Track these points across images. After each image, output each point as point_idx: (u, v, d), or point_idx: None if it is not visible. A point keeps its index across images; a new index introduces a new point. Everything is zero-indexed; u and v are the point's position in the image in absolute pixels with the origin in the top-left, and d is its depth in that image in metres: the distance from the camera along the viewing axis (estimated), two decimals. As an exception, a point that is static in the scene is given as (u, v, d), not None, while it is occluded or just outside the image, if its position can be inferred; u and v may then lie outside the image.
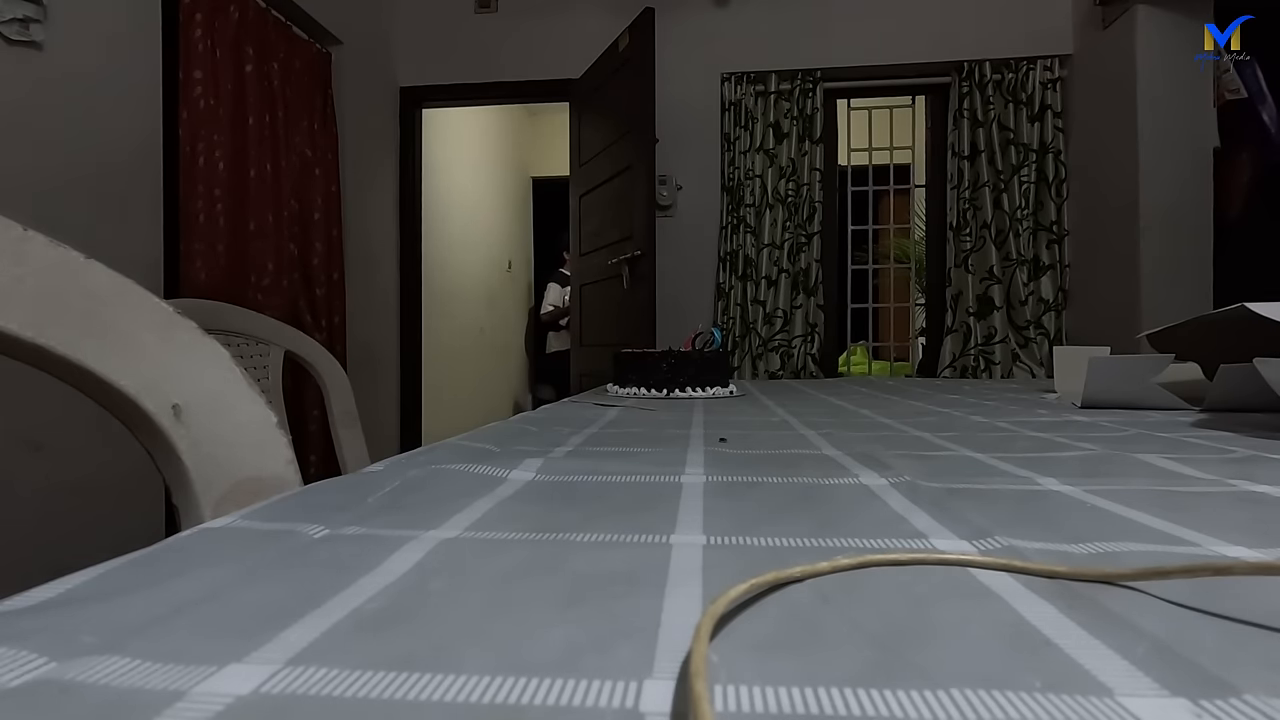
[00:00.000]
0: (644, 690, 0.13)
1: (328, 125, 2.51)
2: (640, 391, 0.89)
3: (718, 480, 0.34)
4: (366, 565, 0.20)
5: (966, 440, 0.49)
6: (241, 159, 2.06)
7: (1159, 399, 0.70)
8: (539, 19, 2.99)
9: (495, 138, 4.54)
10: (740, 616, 0.16)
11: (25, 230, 0.32)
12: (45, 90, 1.48)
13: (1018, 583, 0.18)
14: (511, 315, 5.00)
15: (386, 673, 0.13)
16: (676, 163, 2.87)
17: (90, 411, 0.39)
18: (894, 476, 0.34)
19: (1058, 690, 0.12)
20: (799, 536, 0.24)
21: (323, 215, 2.44)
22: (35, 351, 0.33)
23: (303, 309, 2.33)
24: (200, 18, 1.91)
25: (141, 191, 1.74)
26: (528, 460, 0.38)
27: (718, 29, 2.88)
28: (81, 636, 0.15)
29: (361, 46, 2.74)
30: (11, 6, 1.38)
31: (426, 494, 0.30)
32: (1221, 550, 0.22)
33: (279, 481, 0.40)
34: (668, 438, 0.51)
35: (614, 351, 0.97)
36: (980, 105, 2.73)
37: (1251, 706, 0.12)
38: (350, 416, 1.19)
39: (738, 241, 2.84)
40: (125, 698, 0.12)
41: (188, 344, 0.38)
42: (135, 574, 0.19)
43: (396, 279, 3.09)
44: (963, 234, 2.77)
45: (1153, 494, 0.31)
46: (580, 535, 0.24)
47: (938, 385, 1.17)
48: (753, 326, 2.82)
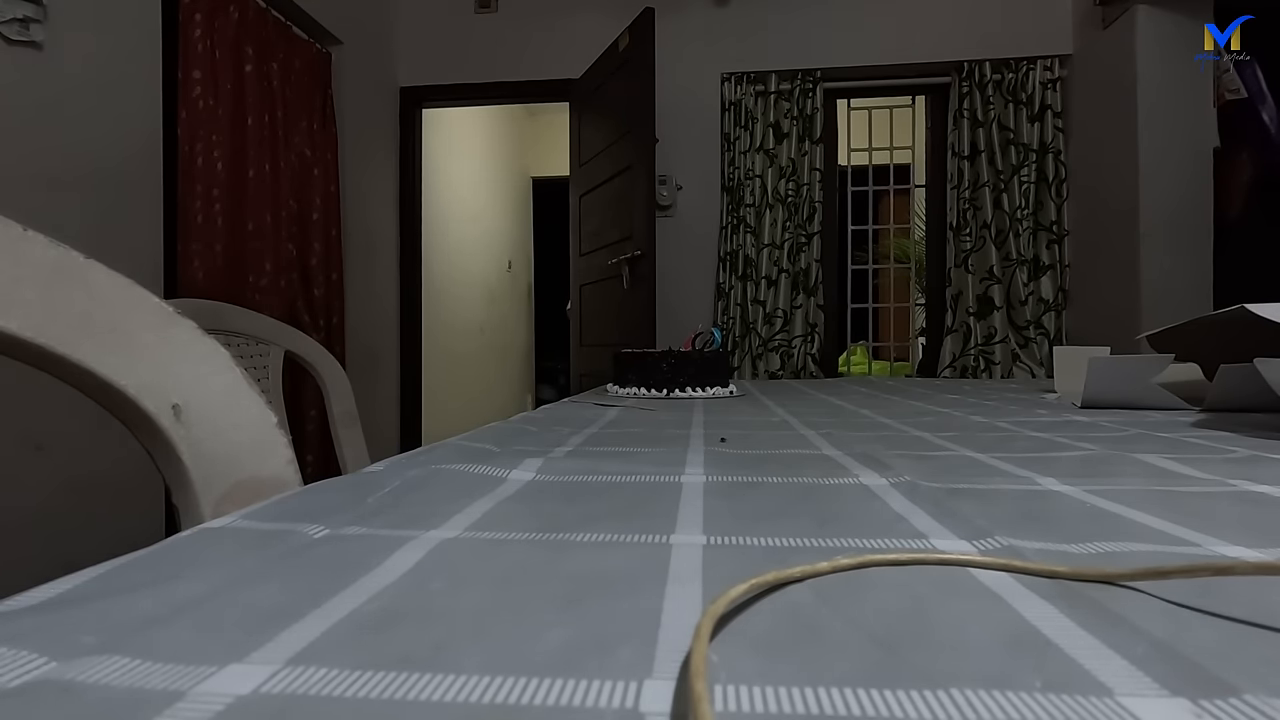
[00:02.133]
0: (644, 690, 0.13)
1: (327, 125, 2.51)
2: (640, 391, 0.89)
3: (718, 480, 0.34)
4: (366, 565, 0.20)
5: (966, 440, 0.49)
6: (241, 159, 2.06)
7: (1159, 399, 0.70)
8: (539, 19, 2.99)
9: (495, 138, 4.54)
10: (740, 616, 0.16)
11: (25, 230, 0.32)
12: (45, 90, 1.48)
13: (1018, 583, 0.18)
14: (511, 315, 5.00)
15: (386, 673, 0.13)
16: (676, 163, 2.87)
17: (90, 411, 0.39)
18: (894, 476, 0.34)
19: (1058, 690, 0.12)
20: (799, 536, 0.24)
21: (322, 215, 2.44)
22: (35, 351, 0.33)
23: (301, 309, 2.33)
24: (200, 18, 1.91)
25: (141, 191, 1.74)
26: (528, 460, 0.38)
27: (718, 29, 2.88)
28: (81, 636, 0.15)
29: (361, 46, 2.74)
30: (11, 6, 1.38)
31: (426, 494, 0.30)
32: (1221, 550, 0.22)
33: (279, 481, 0.40)
34: (668, 438, 0.51)
35: (614, 351, 0.97)
36: (980, 105, 2.73)
37: (1251, 706, 0.12)
38: (350, 416, 1.19)
39: (738, 241, 2.84)
40: (125, 698, 0.12)
41: (188, 344, 0.38)
42: (135, 574, 0.19)
43: (396, 279, 3.09)
44: (963, 234, 2.77)
45: (1153, 494, 0.31)
46: (580, 535, 0.24)
47: (938, 385, 1.17)
48: (753, 326, 2.82)
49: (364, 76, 2.78)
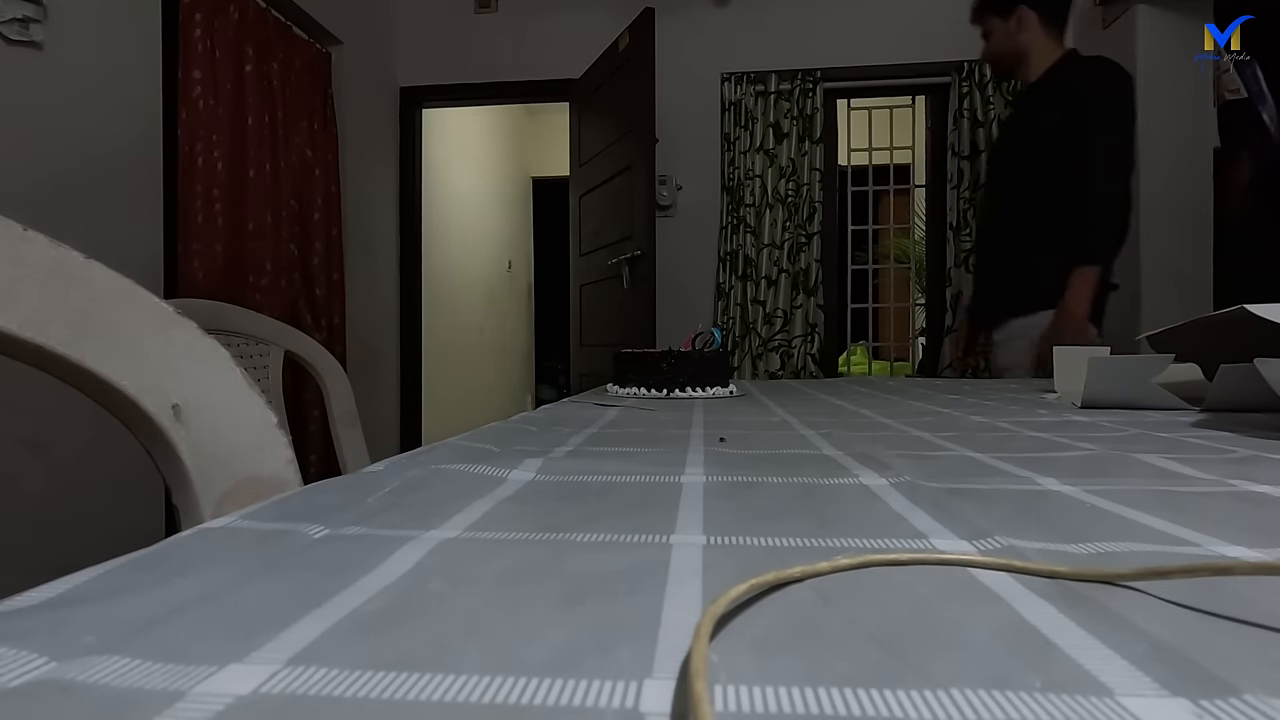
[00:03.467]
0: (644, 690, 0.13)
1: (327, 125, 2.51)
2: (640, 391, 0.89)
3: (718, 480, 0.34)
4: (366, 565, 0.20)
5: (966, 440, 0.49)
6: (240, 159, 2.06)
7: (1159, 399, 0.70)
8: (539, 19, 2.99)
9: (495, 138, 4.54)
10: (740, 616, 0.16)
11: (25, 230, 0.32)
12: (45, 90, 1.48)
13: (1018, 583, 0.18)
14: (511, 315, 5.00)
15: (386, 673, 0.13)
16: (676, 163, 2.87)
17: (90, 411, 0.39)
18: (894, 476, 0.33)
19: (1058, 690, 0.12)
20: (799, 536, 0.24)
21: (323, 215, 2.44)
22: (35, 351, 0.33)
23: (303, 309, 2.33)
24: (200, 18, 1.91)
25: (141, 191, 1.74)
26: (528, 460, 0.38)
27: (718, 29, 2.88)
28: (81, 636, 0.15)
29: (361, 46, 2.74)
30: (11, 6, 1.38)
31: (426, 494, 0.30)
32: (1221, 550, 0.22)
33: (279, 481, 0.40)
34: (668, 438, 0.51)
35: (614, 351, 0.97)
36: (980, 105, 2.73)
37: (1251, 706, 0.12)
38: (350, 416, 1.19)
39: (738, 241, 2.84)
40: (125, 698, 0.12)
41: (188, 344, 0.38)
42: (135, 574, 0.19)
43: (396, 279, 3.09)
44: (963, 234, 2.77)
45: (1153, 494, 0.31)
46: (580, 535, 0.24)
47: (938, 385, 1.17)
48: (753, 326, 2.82)
49: (364, 76, 2.78)
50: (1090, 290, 1.53)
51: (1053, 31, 1.66)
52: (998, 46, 1.72)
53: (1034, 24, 1.65)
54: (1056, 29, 1.66)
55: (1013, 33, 1.67)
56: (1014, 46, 1.68)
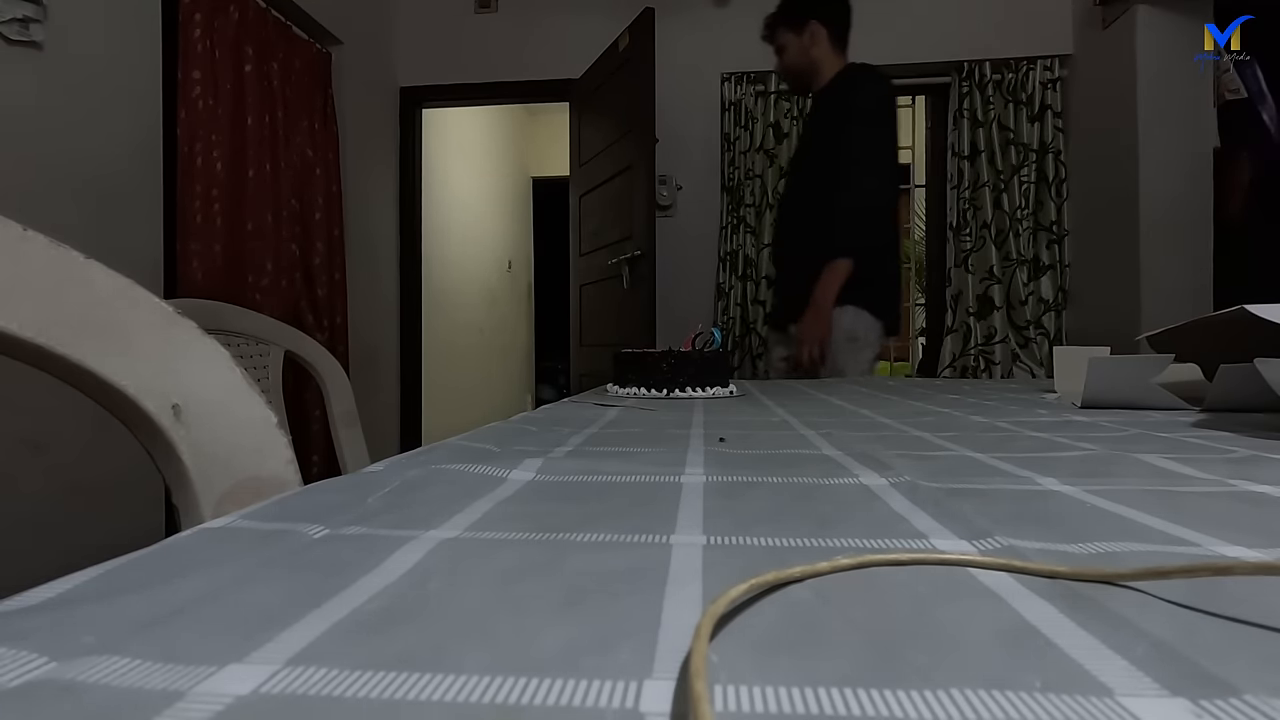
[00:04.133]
0: (644, 690, 0.13)
1: (328, 125, 2.51)
2: (640, 391, 0.89)
3: (718, 480, 0.34)
4: (366, 565, 0.20)
5: (966, 440, 0.49)
6: (240, 159, 2.06)
7: (1159, 399, 0.70)
8: (539, 19, 2.99)
9: (495, 138, 4.54)
10: (740, 616, 0.16)
11: (25, 230, 0.32)
12: (45, 90, 1.48)
13: (1018, 583, 0.18)
14: (511, 315, 5.00)
15: (386, 673, 0.13)
16: (676, 163, 2.87)
17: (90, 411, 0.39)
18: (894, 476, 0.33)
19: (1058, 690, 0.12)
20: (799, 536, 0.24)
21: (324, 215, 2.44)
22: (35, 351, 0.33)
23: (304, 309, 2.33)
24: (200, 18, 1.91)
25: (141, 191, 1.74)
26: (528, 460, 0.38)
27: (718, 29, 2.88)
28: (81, 636, 0.15)
29: (361, 46, 2.74)
30: (11, 6, 1.38)
31: (426, 494, 0.30)
32: (1221, 550, 0.22)
33: (279, 481, 0.40)
34: (668, 438, 0.51)
35: (614, 351, 0.97)
36: (980, 105, 2.73)
37: (1251, 706, 0.12)
38: (350, 416, 1.19)
39: (738, 241, 2.84)
40: (125, 698, 0.12)
41: (188, 344, 0.38)
42: (135, 574, 0.19)
43: (397, 279, 3.09)
44: (963, 234, 2.77)
45: (1153, 494, 0.31)
46: (580, 535, 0.24)
47: (938, 385, 1.17)
48: (753, 326, 2.82)
49: (364, 76, 2.78)
50: (838, 281, 1.57)
51: (838, 46, 1.73)
52: (791, 61, 1.78)
53: (824, 38, 1.71)
54: (842, 43, 1.73)
55: (805, 46, 1.73)
56: (807, 60, 1.74)
